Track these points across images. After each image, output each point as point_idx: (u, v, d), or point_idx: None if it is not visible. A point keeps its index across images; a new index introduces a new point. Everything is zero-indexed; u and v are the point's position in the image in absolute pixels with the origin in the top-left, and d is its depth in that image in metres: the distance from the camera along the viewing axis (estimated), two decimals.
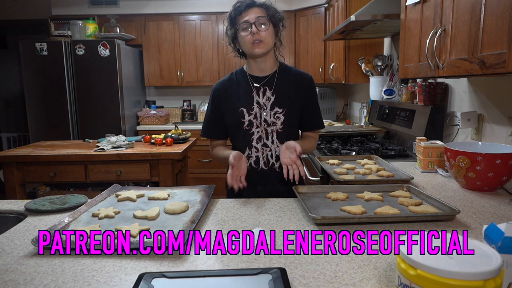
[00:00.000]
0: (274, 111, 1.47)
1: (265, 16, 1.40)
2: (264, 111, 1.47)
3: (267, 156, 1.50)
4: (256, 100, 1.48)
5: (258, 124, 1.48)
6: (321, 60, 4.02)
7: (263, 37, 1.40)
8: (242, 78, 1.53)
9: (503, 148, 1.40)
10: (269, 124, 1.47)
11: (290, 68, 1.56)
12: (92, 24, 4.09)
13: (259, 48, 1.41)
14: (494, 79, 1.67)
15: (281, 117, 1.47)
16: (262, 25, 1.39)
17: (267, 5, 1.42)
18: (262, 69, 1.50)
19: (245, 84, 1.51)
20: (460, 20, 1.32)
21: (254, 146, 1.49)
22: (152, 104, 4.70)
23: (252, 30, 1.38)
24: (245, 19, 1.39)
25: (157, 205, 1.18)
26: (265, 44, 1.41)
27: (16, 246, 0.93)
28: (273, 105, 1.47)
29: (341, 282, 0.74)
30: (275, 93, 1.48)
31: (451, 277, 0.54)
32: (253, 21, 1.38)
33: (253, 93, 1.49)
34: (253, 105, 1.48)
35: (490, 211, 1.15)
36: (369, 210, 1.11)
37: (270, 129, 1.48)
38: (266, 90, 1.49)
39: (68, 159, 2.53)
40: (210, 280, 0.72)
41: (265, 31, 1.40)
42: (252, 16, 1.39)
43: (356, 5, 3.06)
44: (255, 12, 1.39)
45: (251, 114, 1.48)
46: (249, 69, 1.53)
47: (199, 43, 4.42)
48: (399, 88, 2.64)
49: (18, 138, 5.61)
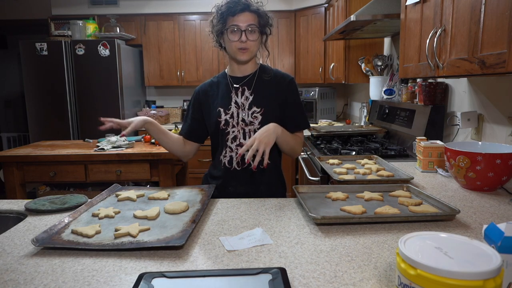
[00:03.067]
0: (252, 111, 1.46)
1: (256, 24, 1.39)
2: (243, 111, 1.46)
3: (243, 156, 1.43)
4: (235, 100, 1.48)
5: (234, 123, 1.46)
6: (321, 60, 4.02)
7: (249, 45, 1.40)
8: (223, 80, 1.54)
9: (503, 148, 1.40)
10: (247, 123, 1.46)
11: (271, 69, 1.55)
12: (92, 24, 4.09)
13: (244, 56, 1.42)
14: (494, 79, 1.67)
15: (258, 116, 1.45)
16: (251, 33, 1.39)
17: (260, 13, 1.41)
18: (242, 70, 1.50)
19: (225, 85, 1.52)
20: (460, 20, 1.32)
21: (228, 146, 1.49)
22: (152, 104, 4.70)
23: (241, 38, 1.38)
24: (236, 23, 1.38)
25: (157, 205, 1.18)
26: (250, 52, 1.42)
27: (16, 246, 0.93)
28: (251, 105, 1.46)
29: (341, 282, 0.74)
30: (253, 93, 1.48)
31: (451, 277, 0.54)
32: (244, 28, 1.37)
33: (232, 93, 1.49)
34: (231, 105, 1.47)
35: (490, 211, 1.15)
36: (369, 210, 1.11)
37: (247, 128, 1.46)
38: (244, 90, 1.49)
39: (68, 159, 2.53)
40: (210, 280, 0.72)
41: (254, 40, 1.40)
42: (243, 22, 1.37)
43: (356, 5, 3.06)
44: (247, 18, 1.38)
45: (228, 114, 1.47)
46: (230, 70, 1.53)
47: (199, 43, 4.42)
48: (399, 88, 2.64)
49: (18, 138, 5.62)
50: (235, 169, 1.49)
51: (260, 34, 1.43)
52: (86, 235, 0.95)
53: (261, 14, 1.41)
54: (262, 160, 1.27)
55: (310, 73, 4.20)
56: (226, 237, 0.96)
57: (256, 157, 1.27)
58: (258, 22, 1.41)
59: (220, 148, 1.52)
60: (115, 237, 0.94)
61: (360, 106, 3.59)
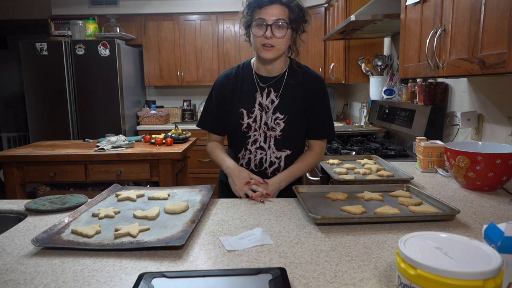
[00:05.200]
0: (275, 116, 1.39)
1: (285, 19, 1.26)
2: (266, 114, 1.39)
3: (261, 159, 1.43)
4: (259, 102, 1.40)
5: (256, 127, 1.41)
6: (321, 60, 4.02)
7: (276, 42, 1.27)
8: (248, 75, 1.43)
9: (503, 148, 1.40)
10: (269, 128, 1.40)
11: (301, 69, 1.43)
12: (92, 24, 4.09)
13: (268, 53, 1.29)
14: (494, 79, 1.67)
15: (281, 123, 1.39)
16: (279, 29, 1.26)
17: (292, 6, 1.27)
18: (269, 70, 1.40)
19: (250, 82, 1.41)
20: (460, 20, 1.32)
21: (248, 149, 1.44)
22: (152, 104, 4.70)
23: (266, 33, 1.26)
24: (263, 16, 1.25)
25: (157, 205, 1.18)
26: (276, 51, 1.30)
27: (16, 246, 0.93)
28: (275, 109, 1.39)
29: (341, 282, 0.74)
30: (280, 97, 1.39)
31: (451, 277, 0.54)
32: (271, 22, 1.25)
33: (257, 93, 1.40)
34: (255, 107, 1.40)
35: (490, 211, 1.15)
36: (369, 210, 1.11)
37: (269, 133, 1.40)
38: (271, 91, 1.40)
39: (68, 159, 2.53)
40: (210, 280, 0.72)
41: (281, 37, 1.27)
42: (271, 15, 1.24)
43: (356, 5, 3.06)
44: (276, 11, 1.25)
45: (251, 117, 1.40)
46: (256, 67, 1.43)
47: (199, 43, 4.42)
48: (399, 88, 2.64)
49: (18, 138, 5.61)
50: (253, 170, 1.44)
51: (291, 30, 1.30)
52: (86, 235, 0.95)
53: (292, 8, 1.27)
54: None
55: None
56: (226, 237, 0.96)
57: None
58: (289, 17, 1.27)
59: (238, 148, 1.47)
60: (115, 237, 0.94)
61: (360, 106, 3.59)
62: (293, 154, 1.45)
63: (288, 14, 1.27)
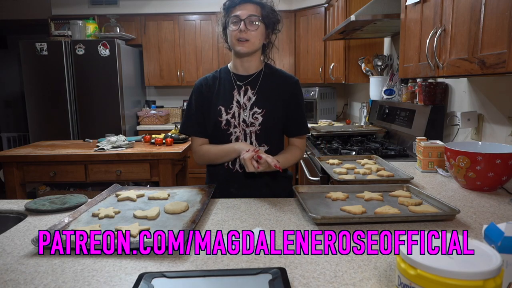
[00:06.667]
0: (253, 111, 1.42)
1: (258, 15, 1.36)
2: (244, 111, 1.43)
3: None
4: (236, 99, 1.44)
5: (236, 124, 1.43)
6: (321, 60, 4.02)
7: (250, 36, 1.36)
8: (226, 76, 1.49)
9: (503, 148, 1.40)
10: (248, 124, 1.43)
11: (276, 70, 1.51)
12: (92, 24, 4.09)
13: (243, 47, 1.37)
14: (494, 79, 1.67)
15: (259, 117, 1.42)
16: (252, 24, 1.35)
17: (263, 4, 1.38)
18: (246, 67, 1.46)
19: (228, 82, 1.47)
20: (460, 20, 1.32)
21: None
22: (152, 104, 4.70)
23: (240, 27, 1.34)
24: (237, 13, 1.35)
25: (157, 205, 1.18)
26: (250, 44, 1.37)
27: (16, 246, 0.93)
28: (253, 105, 1.43)
29: (341, 282, 0.74)
30: (256, 93, 1.44)
31: (451, 277, 0.54)
32: (244, 17, 1.34)
33: (234, 91, 1.45)
34: (232, 104, 1.43)
35: (490, 211, 1.15)
36: (369, 210, 1.11)
37: (248, 129, 1.43)
38: (248, 89, 1.45)
39: (68, 159, 2.53)
40: (210, 280, 0.72)
41: (254, 30, 1.36)
42: (244, 12, 1.35)
43: (356, 5, 3.06)
44: (249, 8, 1.35)
45: (229, 113, 1.43)
46: (233, 67, 1.49)
47: (199, 43, 4.43)
48: (399, 88, 2.64)
49: (18, 138, 5.62)
50: (237, 171, 1.45)
51: (264, 25, 1.39)
52: None
53: (264, 5, 1.38)
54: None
55: (310, 73, 4.21)
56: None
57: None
58: (261, 13, 1.37)
59: None
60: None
61: (360, 106, 3.59)
62: (271, 150, 1.45)
63: (261, 11, 1.38)
